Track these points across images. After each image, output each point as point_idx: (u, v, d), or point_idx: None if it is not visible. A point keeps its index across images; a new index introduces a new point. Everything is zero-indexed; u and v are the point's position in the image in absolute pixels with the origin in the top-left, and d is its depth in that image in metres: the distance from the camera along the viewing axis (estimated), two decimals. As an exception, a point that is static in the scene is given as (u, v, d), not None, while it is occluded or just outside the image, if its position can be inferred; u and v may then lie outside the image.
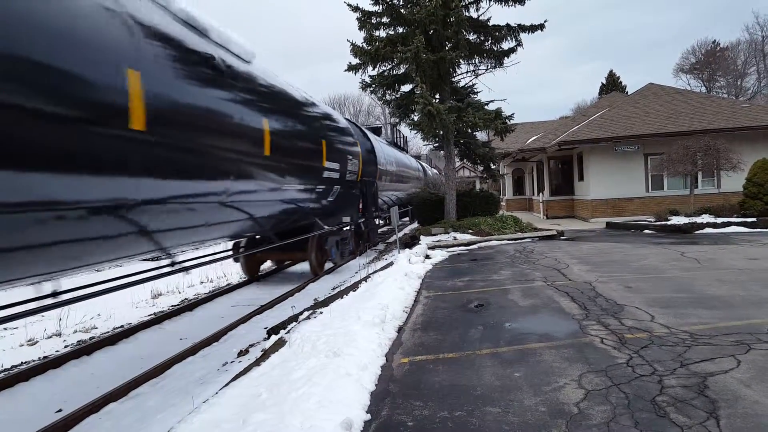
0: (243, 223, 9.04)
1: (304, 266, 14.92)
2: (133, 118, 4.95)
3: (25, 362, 7.77)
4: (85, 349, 7.93)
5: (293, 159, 10.10)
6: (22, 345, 8.83)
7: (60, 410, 5.73)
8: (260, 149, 8.29)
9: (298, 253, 13.56)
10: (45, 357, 7.95)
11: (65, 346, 8.66)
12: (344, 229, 16.16)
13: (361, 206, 17.16)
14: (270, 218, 10.29)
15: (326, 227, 13.16)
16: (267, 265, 15.64)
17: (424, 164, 31.50)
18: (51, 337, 9.30)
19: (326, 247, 14.12)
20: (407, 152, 29.17)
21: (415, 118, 18.31)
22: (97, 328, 9.87)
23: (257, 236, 12.31)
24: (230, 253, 12.01)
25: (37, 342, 8.99)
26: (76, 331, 9.62)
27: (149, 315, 10.66)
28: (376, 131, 22.68)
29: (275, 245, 11.32)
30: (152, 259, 7.28)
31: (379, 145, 19.83)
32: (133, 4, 5.26)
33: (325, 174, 12.34)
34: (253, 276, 14.07)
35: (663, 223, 16.59)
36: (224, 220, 8.04)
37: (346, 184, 14.55)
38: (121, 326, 9.74)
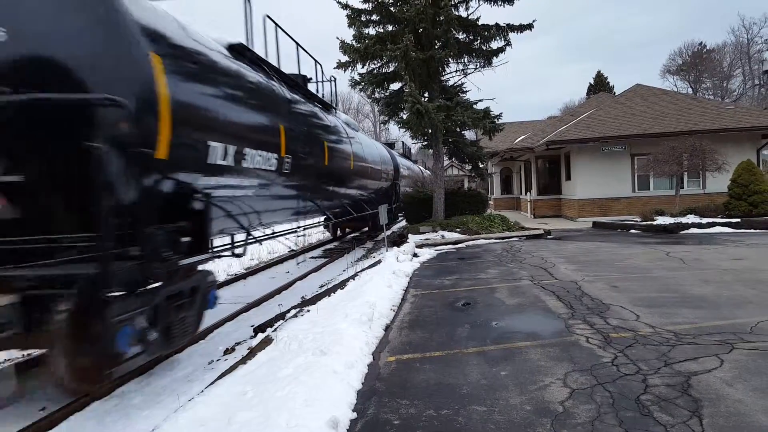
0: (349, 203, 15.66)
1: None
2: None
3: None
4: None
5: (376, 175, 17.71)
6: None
7: (44, 408, 5.66)
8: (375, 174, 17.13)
9: (360, 223, 20.05)
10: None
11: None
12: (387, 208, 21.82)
13: (393, 197, 22.59)
14: (357, 201, 16.50)
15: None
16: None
17: (422, 168, 35.33)
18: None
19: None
20: (412, 160, 35.31)
21: (404, 117, 18.33)
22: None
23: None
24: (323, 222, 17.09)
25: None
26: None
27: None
28: (391, 146, 28.51)
29: (351, 217, 16.12)
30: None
31: (398, 158, 25.52)
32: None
33: (383, 181, 19.02)
34: (335, 236, 22.78)
35: (649, 223, 16.75)
36: (348, 201, 15.27)
37: (387, 185, 20.70)
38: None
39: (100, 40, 4.66)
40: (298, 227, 12.61)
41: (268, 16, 9.36)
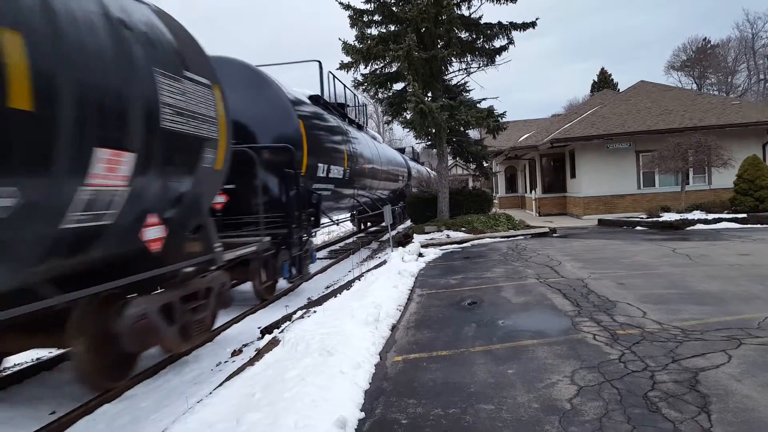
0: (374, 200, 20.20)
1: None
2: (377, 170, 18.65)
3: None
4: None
5: (389, 176, 22.40)
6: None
7: (54, 412, 5.70)
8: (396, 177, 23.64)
9: (381, 218, 21.04)
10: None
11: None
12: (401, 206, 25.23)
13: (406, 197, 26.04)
14: (380, 200, 20.55)
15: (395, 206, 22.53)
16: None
17: (428, 169, 37.75)
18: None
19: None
20: (419, 162, 39.53)
21: (408, 117, 18.30)
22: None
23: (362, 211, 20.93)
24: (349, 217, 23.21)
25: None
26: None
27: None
28: (402, 150, 32.61)
29: (372, 214, 20.00)
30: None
31: (410, 162, 29.85)
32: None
33: (399, 182, 24.24)
34: (359, 229, 27.18)
35: (655, 219, 16.70)
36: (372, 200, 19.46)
37: (402, 185, 25.50)
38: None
39: (291, 129, 10.98)
40: (337, 220, 18.32)
41: (330, 72, 15.90)
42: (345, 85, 17.82)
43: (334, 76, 16.33)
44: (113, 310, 5.83)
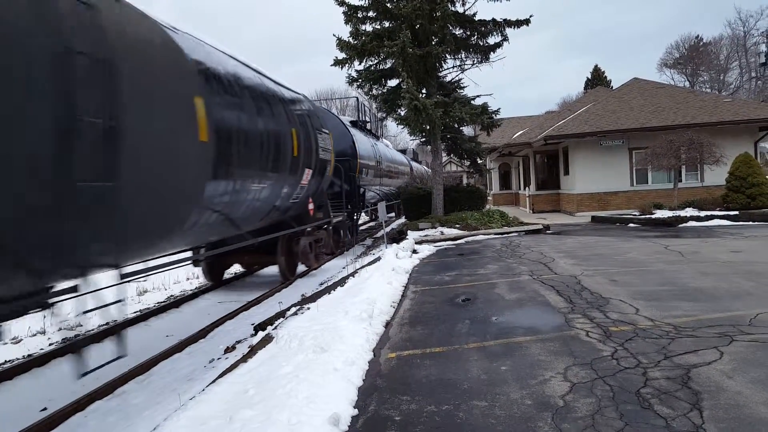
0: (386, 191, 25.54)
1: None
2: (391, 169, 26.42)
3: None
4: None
5: (397, 172, 27.55)
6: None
7: (45, 408, 5.67)
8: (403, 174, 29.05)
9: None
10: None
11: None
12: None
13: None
14: (388, 194, 25.32)
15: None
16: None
17: (425, 167, 40.35)
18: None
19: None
20: (418, 161, 43.11)
21: (402, 113, 18.28)
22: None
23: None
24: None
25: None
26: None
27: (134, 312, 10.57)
28: (403, 151, 36.99)
29: (393, 203, 25.94)
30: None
31: (412, 162, 35.18)
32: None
33: (405, 178, 28.67)
34: (371, 218, 28.52)
35: (647, 216, 16.76)
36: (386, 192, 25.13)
37: (407, 181, 28.69)
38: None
39: (348, 145, 17.94)
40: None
41: (357, 97, 24.03)
42: (367, 106, 25.59)
43: (358, 99, 26.51)
44: (294, 241, 12.93)
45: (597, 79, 52.93)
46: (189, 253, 9.91)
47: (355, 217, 18.76)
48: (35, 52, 4.01)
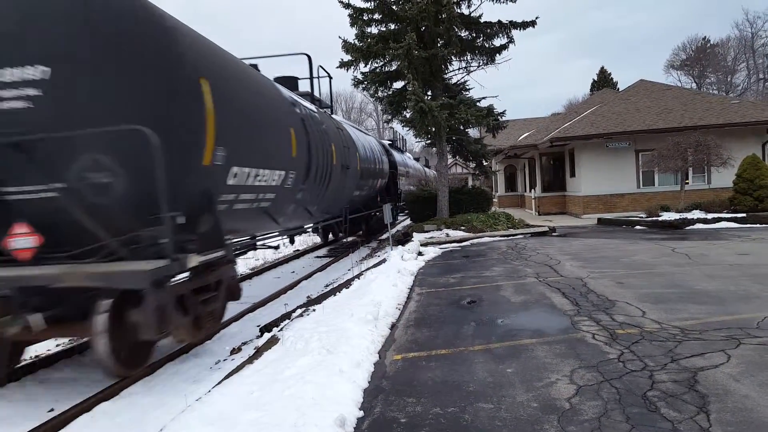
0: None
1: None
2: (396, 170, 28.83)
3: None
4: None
5: (414, 177, 31.10)
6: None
7: (51, 409, 5.69)
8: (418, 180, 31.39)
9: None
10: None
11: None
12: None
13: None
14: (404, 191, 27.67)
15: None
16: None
17: (424, 167, 41.45)
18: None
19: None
20: (428, 166, 45.38)
21: (408, 115, 18.29)
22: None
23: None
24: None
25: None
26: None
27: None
28: (417, 159, 41.32)
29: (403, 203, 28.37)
30: None
31: (425, 168, 38.53)
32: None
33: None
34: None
35: (654, 218, 16.70)
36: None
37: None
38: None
39: (387, 163, 21.60)
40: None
41: (385, 121, 27.35)
42: (383, 124, 30.81)
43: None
44: (362, 220, 19.65)
45: (603, 81, 52.77)
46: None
47: (397, 204, 24.94)
48: (350, 147, 14.32)
